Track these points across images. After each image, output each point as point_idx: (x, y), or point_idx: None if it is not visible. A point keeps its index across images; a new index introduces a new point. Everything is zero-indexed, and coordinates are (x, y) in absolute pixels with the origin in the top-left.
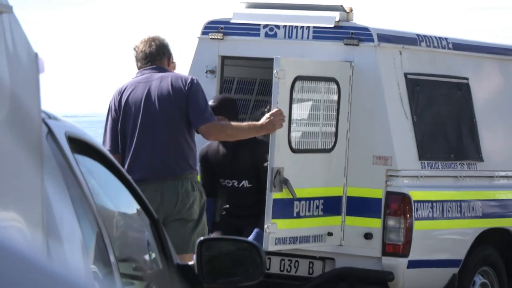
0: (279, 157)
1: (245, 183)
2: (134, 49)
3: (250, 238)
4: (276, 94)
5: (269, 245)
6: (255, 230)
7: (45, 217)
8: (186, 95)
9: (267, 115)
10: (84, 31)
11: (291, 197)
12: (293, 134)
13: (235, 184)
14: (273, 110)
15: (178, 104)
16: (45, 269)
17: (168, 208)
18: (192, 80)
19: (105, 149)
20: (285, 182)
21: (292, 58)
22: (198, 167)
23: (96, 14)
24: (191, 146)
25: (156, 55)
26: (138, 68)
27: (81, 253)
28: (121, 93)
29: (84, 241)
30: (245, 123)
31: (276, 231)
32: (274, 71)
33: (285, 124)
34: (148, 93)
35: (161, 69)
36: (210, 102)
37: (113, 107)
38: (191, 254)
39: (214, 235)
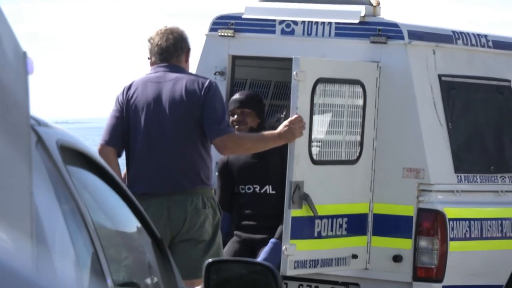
0: (299, 169)
1: (268, 188)
2: (149, 40)
3: (266, 249)
4: (295, 99)
5: (288, 269)
6: (271, 241)
7: (34, 236)
8: (201, 101)
9: (285, 122)
10: (78, 28)
11: (312, 214)
12: (314, 144)
13: (257, 189)
14: (293, 117)
15: (191, 111)
16: None
17: (175, 227)
18: (210, 84)
19: (102, 158)
20: (305, 198)
21: (313, 57)
22: (216, 179)
23: (93, 12)
24: (204, 158)
25: (173, 51)
26: (152, 63)
27: (75, 275)
28: (129, 91)
29: (78, 262)
30: (261, 133)
31: (295, 253)
32: (294, 73)
33: (306, 132)
34: (159, 97)
35: (177, 68)
36: (236, 95)
37: (119, 103)
38: (201, 279)
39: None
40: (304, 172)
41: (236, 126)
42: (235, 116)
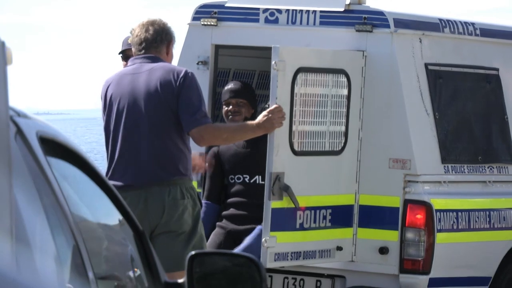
0: (279, 160)
1: (258, 178)
2: (131, 32)
3: (252, 235)
4: (275, 89)
5: (268, 261)
6: (258, 227)
7: (14, 229)
8: (177, 92)
9: (264, 112)
10: (59, 17)
11: (293, 206)
12: (295, 134)
13: (247, 179)
14: (272, 107)
15: (166, 102)
16: (14, 284)
17: (154, 219)
18: (186, 73)
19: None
20: (285, 189)
21: (293, 47)
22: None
23: (74, 1)
24: (181, 149)
25: (151, 41)
26: (133, 54)
27: (55, 269)
28: (107, 86)
29: (59, 256)
30: (239, 123)
31: (276, 245)
32: (273, 62)
33: (286, 122)
34: (134, 88)
35: (155, 59)
36: (230, 85)
37: (102, 102)
38: (183, 271)
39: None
40: (284, 163)
41: (231, 117)
42: (230, 107)
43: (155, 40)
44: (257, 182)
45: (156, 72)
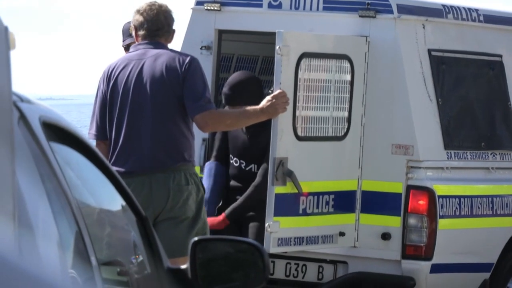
0: (282, 145)
1: (253, 167)
2: (140, 13)
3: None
4: (279, 74)
5: (271, 247)
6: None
7: (16, 214)
8: (181, 78)
9: (268, 97)
10: (61, 3)
11: (296, 191)
12: (298, 120)
13: (243, 165)
14: (276, 92)
15: (172, 88)
16: (17, 269)
17: (158, 205)
18: (191, 60)
19: (86, 136)
20: (289, 175)
21: (297, 32)
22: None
23: None
24: (186, 135)
25: (161, 27)
26: (135, 35)
27: (58, 254)
28: (110, 72)
29: (61, 241)
30: (243, 109)
31: (279, 230)
32: (277, 47)
33: (290, 108)
34: (140, 74)
35: (159, 45)
36: (225, 89)
37: (101, 87)
38: (187, 257)
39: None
40: (288, 148)
41: None
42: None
43: (163, 26)
44: (253, 170)
45: (161, 57)
